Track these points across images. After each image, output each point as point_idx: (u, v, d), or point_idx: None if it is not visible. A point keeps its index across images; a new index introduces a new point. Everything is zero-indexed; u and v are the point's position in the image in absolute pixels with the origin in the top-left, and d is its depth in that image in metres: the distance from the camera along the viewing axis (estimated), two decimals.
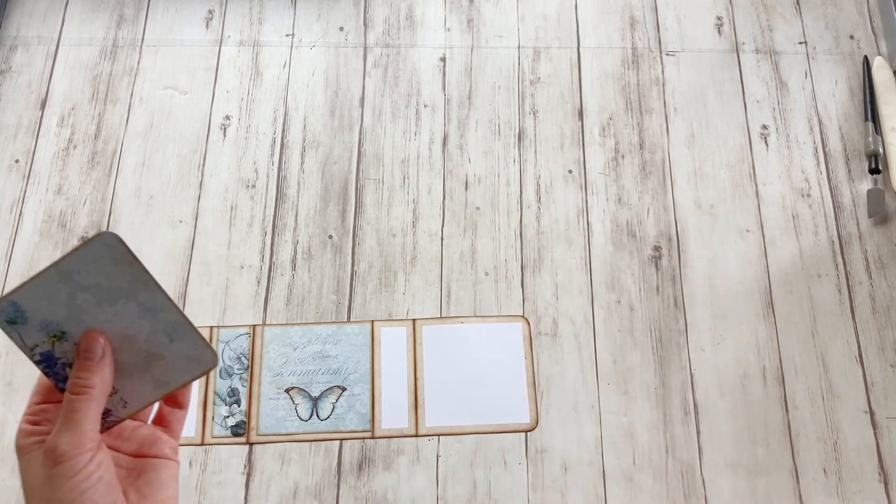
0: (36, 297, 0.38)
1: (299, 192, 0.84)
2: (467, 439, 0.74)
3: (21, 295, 0.38)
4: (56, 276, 0.38)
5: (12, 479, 0.72)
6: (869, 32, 0.94)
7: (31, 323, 0.38)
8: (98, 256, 0.38)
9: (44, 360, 0.38)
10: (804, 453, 0.74)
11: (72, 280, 0.38)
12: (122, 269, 0.38)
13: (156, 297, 0.39)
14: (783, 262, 0.82)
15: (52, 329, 0.39)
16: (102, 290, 0.39)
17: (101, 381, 0.37)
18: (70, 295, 0.38)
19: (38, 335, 0.39)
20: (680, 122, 0.89)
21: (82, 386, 0.36)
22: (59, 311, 0.39)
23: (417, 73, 0.91)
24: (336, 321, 0.78)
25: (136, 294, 0.39)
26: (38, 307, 0.38)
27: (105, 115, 0.87)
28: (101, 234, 0.38)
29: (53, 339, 0.39)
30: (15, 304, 0.38)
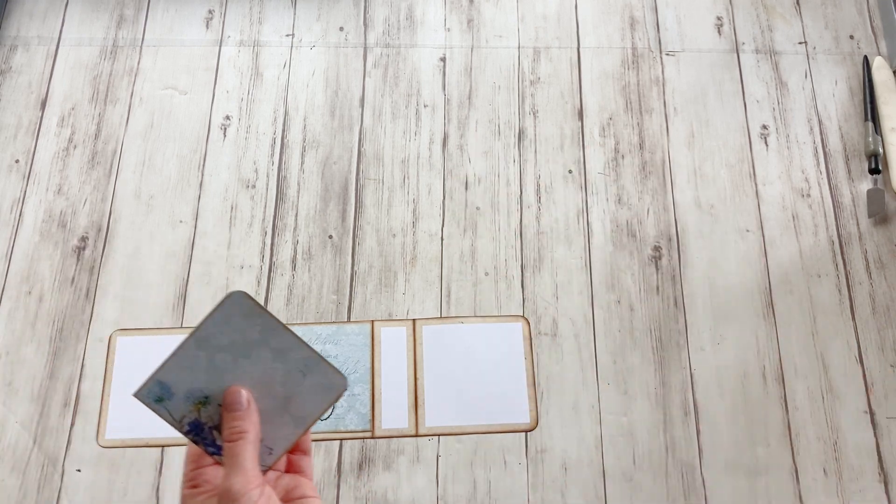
0: (178, 371, 0.41)
1: (299, 192, 0.84)
2: (467, 439, 0.74)
3: (165, 372, 0.41)
4: (194, 345, 0.41)
5: (12, 478, 0.72)
6: (869, 32, 0.94)
7: (177, 396, 0.41)
8: (229, 315, 0.41)
9: (192, 429, 0.41)
10: (804, 453, 0.74)
11: (209, 345, 0.41)
12: (252, 321, 0.41)
13: (285, 339, 0.41)
14: (783, 262, 0.82)
15: (196, 397, 0.41)
16: (237, 346, 0.41)
17: (253, 426, 0.40)
18: (209, 359, 0.41)
19: (185, 405, 0.41)
20: (680, 122, 0.89)
21: (237, 432, 0.39)
22: (200, 377, 0.41)
23: (417, 73, 0.91)
24: (336, 321, 0.78)
25: (268, 341, 0.41)
26: (182, 379, 0.41)
27: (105, 115, 0.87)
28: (229, 295, 0.41)
29: (199, 406, 0.41)
30: (161, 383, 0.41)
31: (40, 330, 0.77)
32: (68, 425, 0.74)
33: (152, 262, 0.80)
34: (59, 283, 0.79)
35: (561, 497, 0.72)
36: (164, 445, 0.73)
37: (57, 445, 0.73)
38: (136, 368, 0.76)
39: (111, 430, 0.73)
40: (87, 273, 0.80)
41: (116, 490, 0.71)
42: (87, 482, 0.72)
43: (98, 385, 0.75)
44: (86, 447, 0.73)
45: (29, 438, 0.73)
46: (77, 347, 0.77)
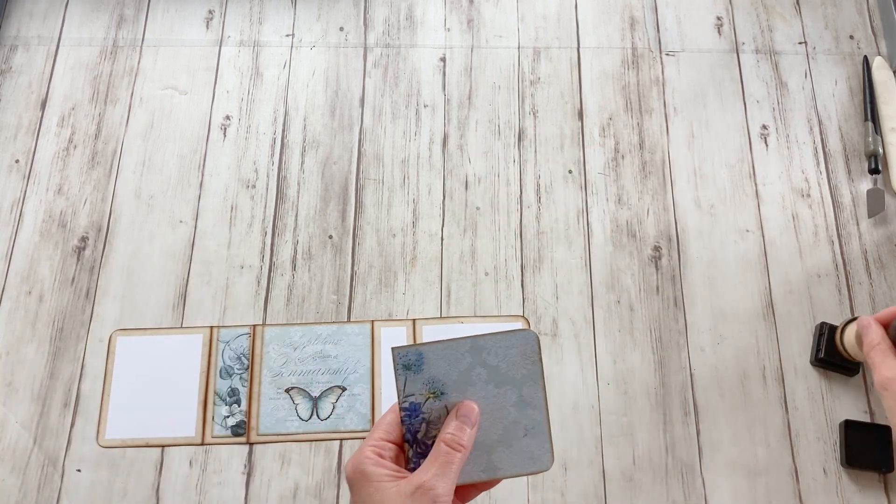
0: (441, 356, 0.43)
1: (299, 192, 0.84)
2: None
3: (431, 349, 0.43)
4: (469, 346, 0.43)
5: (12, 478, 0.72)
6: (869, 32, 0.94)
7: (422, 374, 0.43)
8: (513, 345, 0.43)
9: (410, 409, 0.43)
10: (804, 453, 0.74)
11: (479, 355, 0.43)
12: (525, 362, 0.43)
13: (536, 395, 0.43)
14: (783, 262, 0.82)
15: (435, 386, 0.43)
16: (498, 373, 0.43)
17: (469, 445, 0.41)
18: (470, 365, 0.43)
19: (420, 387, 0.43)
20: (680, 122, 0.89)
21: (459, 443, 0.40)
22: (453, 374, 0.43)
23: (417, 73, 0.91)
24: (336, 321, 0.78)
25: (523, 387, 0.43)
26: (437, 364, 0.43)
27: (105, 115, 0.88)
28: (525, 330, 0.43)
29: (431, 395, 0.43)
30: (421, 355, 0.43)
31: (40, 330, 0.77)
32: (68, 425, 0.74)
33: (152, 262, 0.80)
34: (59, 283, 0.79)
35: (561, 497, 0.72)
36: (164, 445, 0.73)
37: (57, 445, 0.73)
38: (136, 368, 0.76)
39: (111, 430, 0.73)
40: (87, 273, 0.80)
41: (116, 490, 0.71)
42: (87, 482, 0.72)
43: (98, 385, 0.75)
44: (86, 447, 0.73)
45: (29, 438, 0.73)
46: (77, 347, 0.77)
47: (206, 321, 0.78)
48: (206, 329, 0.78)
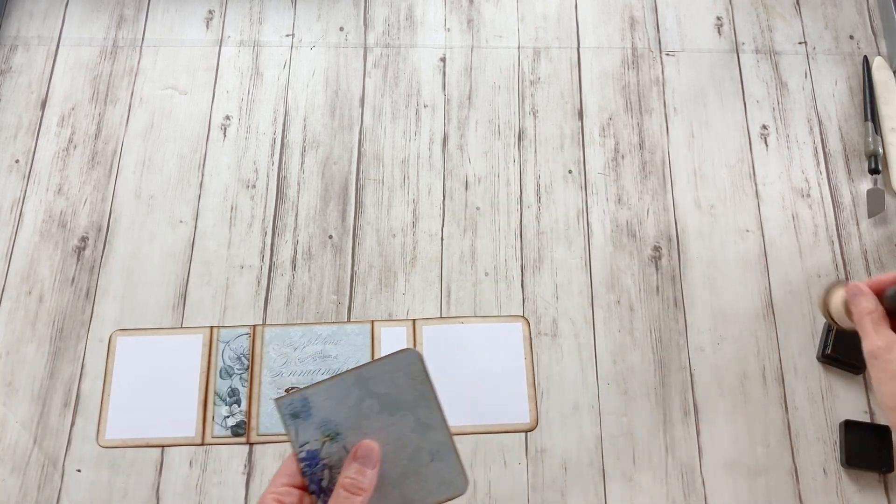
0: (328, 396, 0.40)
1: (299, 192, 0.84)
2: (467, 439, 0.74)
3: (315, 392, 0.40)
4: (353, 379, 0.41)
5: (12, 478, 0.72)
6: (869, 32, 0.94)
7: (313, 419, 0.40)
8: (397, 368, 0.41)
9: (308, 458, 0.40)
10: (804, 453, 0.74)
11: (366, 386, 0.41)
12: (413, 383, 0.41)
13: (433, 416, 0.41)
14: (783, 262, 0.82)
15: (328, 429, 0.40)
16: (389, 400, 0.41)
17: (370, 488, 0.39)
18: (359, 399, 0.41)
19: (314, 432, 0.40)
20: (680, 122, 0.89)
21: (357, 487, 0.39)
22: (343, 412, 0.40)
23: (417, 73, 0.91)
24: (336, 321, 0.78)
25: (417, 409, 0.41)
26: (326, 406, 0.40)
27: (105, 115, 0.88)
28: (406, 350, 0.41)
29: (326, 439, 0.40)
30: (306, 400, 0.40)
31: (40, 330, 0.77)
32: (68, 425, 0.74)
33: (152, 262, 0.80)
34: (59, 283, 0.79)
35: (561, 497, 0.72)
36: (164, 445, 0.73)
37: (57, 445, 0.73)
38: (136, 368, 0.76)
39: (111, 430, 0.73)
40: (87, 273, 0.80)
41: (116, 490, 0.71)
42: (87, 482, 0.72)
43: (98, 385, 0.75)
44: (86, 447, 0.73)
45: (29, 438, 0.73)
46: (77, 347, 0.77)
47: (206, 321, 0.78)
48: (206, 329, 0.78)
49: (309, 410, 0.40)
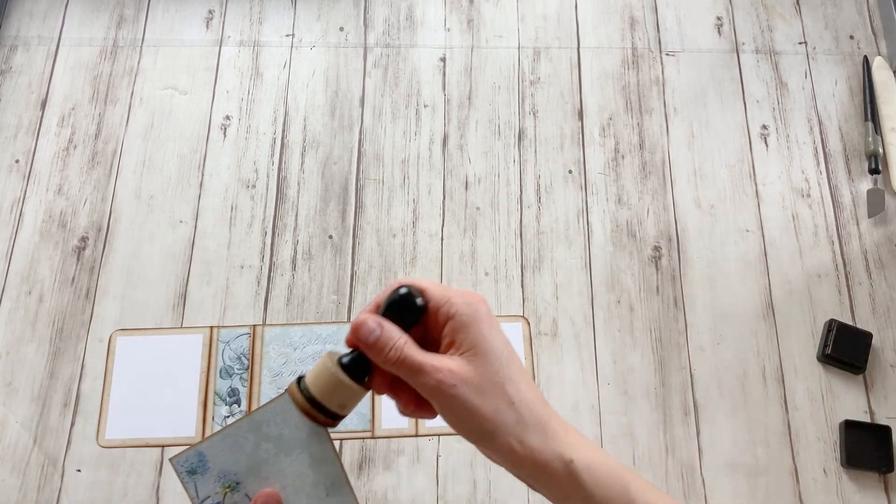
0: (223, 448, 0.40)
1: (299, 192, 0.84)
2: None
3: (208, 446, 0.40)
4: (247, 426, 0.40)
5: (12, 478, 0.72)
6: (869, 32, 0.94)
7: (210, 473, 0.40)
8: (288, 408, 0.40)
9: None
10: (804, 453, 0.74)
11: (259, 430, 0.40)
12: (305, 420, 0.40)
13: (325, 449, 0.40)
14: (783, 262, 0.82)
15: (228, 479, 0.40)
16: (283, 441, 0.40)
17: None
18: (255, 444, 0.40)
19: (213, 486, 0.40)
20: (680, 122, 0.89)
21: None
22: (241, 460, 0.40)
23: (417, 73, 0.91)
24: (336, 321, 0.78)
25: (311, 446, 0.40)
26: (222, 457, 0.40)
27: (105, 115, 0.88)
28: None
29: (226, 490, 0.40)
30: (201, 455, 0.40)
31: (40, 330, 0.77)
32: (68, 425, 0.74)
33: (152, 262, 0.80)
34: (59, 283, 0.79)
35: None
36: (163, 445, 0.73)
37: (57, 445, 0.73)
38: (136, 368, 0.76)
39: (111, 430, 0.73)
40: (87, 273, 0.80)
41: (116, 490, 0.71)
42: (87, 482, 0.72)
43: (98, 385, 0.75)
44: (86, 447, 0.73)
45: (29, 438, 0.73)
46: (77, 347, 0.77)
47: (206, 321, 0.78)
48: (206, 329, 0.78)
49: (206, 464, 0.40)
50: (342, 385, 0.37)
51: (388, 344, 0.36)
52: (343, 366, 0.37)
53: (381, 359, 0.36)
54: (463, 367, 0.35)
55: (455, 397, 0.35)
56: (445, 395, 0.35)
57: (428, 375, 0.35)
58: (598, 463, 0.35)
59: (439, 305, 0.37)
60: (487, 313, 0.37)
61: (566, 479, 0.35)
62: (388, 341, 0.36)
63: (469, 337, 0.36)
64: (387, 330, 0.36)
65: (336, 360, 0.37)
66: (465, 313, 0.36)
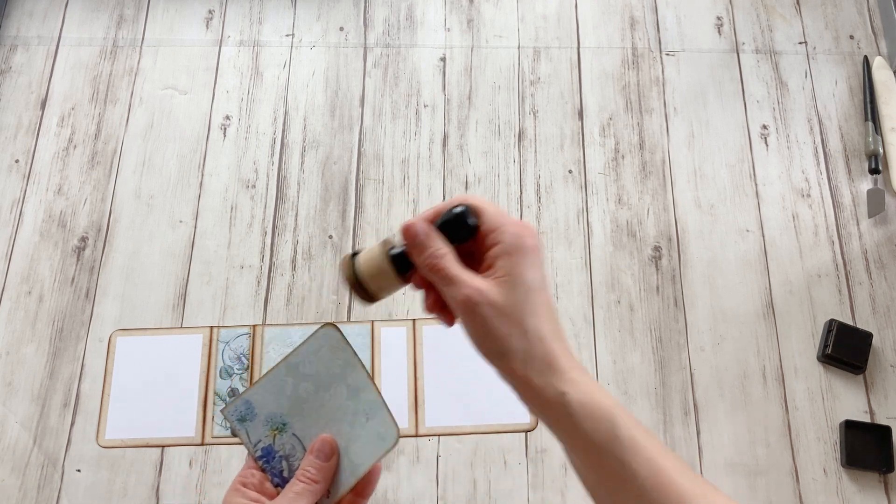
0: (266, 393, 0.43)
1: (299, 192, 0.84)
2: (467, 439, 0.74)
3: (253, 393, 0.43)
4: (285, 370, 0.43)
5: (12, 478, 0.72)
6: (869, 32, 0.94)
7: (259, 418, 0.43)
8: (320, 346, 0.43)
9: (264, 454, 0.43)
10: (804, 453, 0.74)
11: (297, 372, 0.43)
12: (337, 354, 0.43)
13: (360, 378, 0.43)
14: (783, 262, 0.82)
15: (275, 422, 0.43)
16: (320, 377, 0.43)
17: (324, 480, 0.41)
18: (294, 385, 0.43)
19: (263, 429, 0.43)
20: (680, 122, 0.89)
21: (309, 478, 0.41)
22: (284, 402, 0.43)
23: (417, 73, 0.91)
24: (336, 321, 0.78)
25: (346, 377, 0.43)
26: (267, 402, 0.43)
27: (105, 115, 0.87)
28: (323, 326, 0.43)
29: (275, 432, 0.43)
30: (248, 402, 0.43)
31: (40, 330, 0.77)
32: (68, 425, 0.74)
33: (152, 262, 0.80)
34: (59, 283, 0.79)
35: (561, 497, 0.72)
36: (164, 445, 0.73)
37: (57, 445, 0.73)
38: (135, 368, 0.76)
39: (111, 430, 0.73)
40: (87, 273, 0.80)
41: (116, 490, 0.71)
42: (87, 482, 0.72)
43: (98, 385, 0.75)
44: (86, 447, 0.73)
45: (29, 438, 0.73)
46: (77, 347, 0.77)
47: (206, 321, 0.78)
48: (206, 329, 0.78)
49: (253, 411, 0.43)
50: (385, 272, 0.40)
51: (428, 251, 0.39)
52: (391, 256, 0.40)
53: (420, 262, 0.39)
54: (492, 290, 0.38)
55: (476, 314, 0.38)
56: (468, 310, 0.39)
57: (457, 289, 0.38)
58: (592, 399, 0.37)
59: (491, 230, 0.39)
60: (533, 248, 0.39)
61: (558, 409, 0.38)
62: (429, 248, 0.39)
63: (507, 265, 0.38)
64: (431, 238, 0.39)
65: (386, 250, 0.40)
66: (510, 243, 0.38)
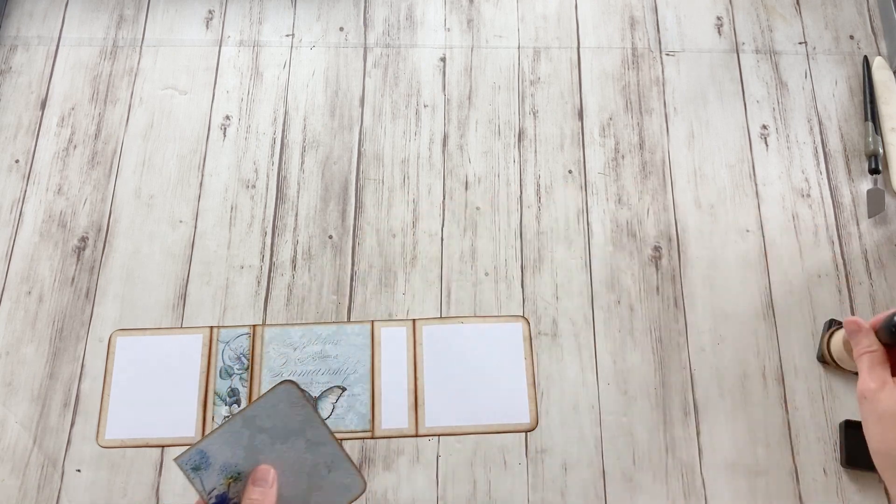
0: (222, 443, 0.44)
1: (299, 192, 0.84)
2: (467, 439, 0.74)
3: (208, 443, 0.44)
4: (241, 422, 0.45)
5: (12, 478, 0.72)
6: (869, 32, 0.94)
7: (213, 467, 0.44)
8: (278, 401, 0.45)
9: (218, 502, 0.44)
10: (804, 453, 0.74)
11: (253, 424, 0.45)
12: (296, 410, 0.45)
13: (320, 433, 0.45)
14: (783, 262, 0.82)
15: (230, 471, 0.44)
16: (277, 430, 0.45)
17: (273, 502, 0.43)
18: (250, 437, 0.44)
19: (217, 478, 0.44)
20: (680, 122, 0.89)
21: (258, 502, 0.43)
22: (239, 452, 0.44)
23: (417, 73, 0.91)
24: (336, 321, 0.78)
25: (305, 431, 0.45)
26: (222, 452, 0.44)
27: (105, 115, 0.88)
28: (282, 383, 0.45)
29: (230, 481, 0.44)
30: (202, 452, 0.44)
31: (40, 330, 0.77)
32: (68, 425, 0.74)
33: (152, 262, 0.80)
34: (59, 283, 0.79)
35: (561, 497, 0.72)
36: (163, 445, 0.73)
37: (57, 445, 0.73)
38: (135, 368, 0.76)
39: (111, 430, 0.73)
40: (87, 273, 0.80)
41: (116, 490, 0.71)
42: (87, 482, 0.72)
43: (98, 385, 0.75)
44: (86, 447, 0.73)
45: (29, 438, 0.73)
46: (77, 347, 0.77)
47: (206, 321, 0.78)
48: (206, 329, 0.78)
49: (207, 460, 0.44)
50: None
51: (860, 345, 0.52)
52: None
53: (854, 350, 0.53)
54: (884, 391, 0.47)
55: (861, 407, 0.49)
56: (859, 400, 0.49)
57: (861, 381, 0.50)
58: None
59: None
60: None
61: None
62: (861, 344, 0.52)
63: None
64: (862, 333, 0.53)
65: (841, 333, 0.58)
66: None
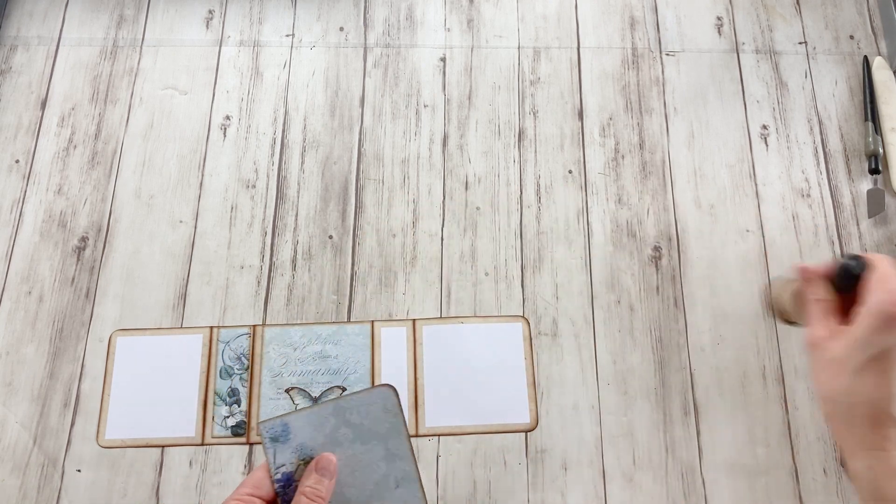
0: (306, 423, 0.44)
1: (299, 192, 0.84)
2: (467, 439, 0.74)
3: (295, 418, 0.44)
4: (332, 409, 0.44)
5: (12, 478, 0.72)
6: (869, 32, 0.94)
7: (290, 444, 0.43)
8: (373, 402, 0.44)
9: (283, 479, 0.43)
10: (804, 453, 0.74)
11: (342, 416, 0.44)
12: (387, 416, 0.44)
13: (402, 447, 0.44)
14: (783, 263, 0.82)
15: (304, 453, 0.44)
16: (363, 430, 0.44)
17: (328, 496, 0.42)
18: (335, 427, 0.44)
19: (290, 456, 0.43)
20: (680, 122, 0.89)
21: (316, 495, 0.42)
22: (319, 438, 0.44)
23: (417, 73, 0.91)
24: (336, 321, 0.78)
25: (388, 440, 0.44)
26: (304, 431, 0.44)
27: (105, 115, 0.88)
28: (384, 385, 0.45)
29: (301, 463, 0.43)
30: (286, 425, 0.44)
31: (40, 330, 0.77)
32: (68, 425, 0.74)
33: (152, 262, 0.80)
34: (59, 283, 0.79)
35: (561, 497, 0.72)
36: (164, 445, 0.73)
37: (57, 445, 0.73)
38: (136, 368, 0.76)
39: (111, 430, 0.73)
40: (87, 273, 0.80)
41: (116, 490, 0.72)
42: (87, 482, 0.72)
43: (98, 385, 0.75)
44: (86, 447, 0.73)
45: (29, 438, 0.73)
46: (77, 347, 0.77)
47: (206, 321, 0.78)
48: (206, 329, 0.78)
49: (288, 435, 0.43)
50: None
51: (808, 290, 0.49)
52: None
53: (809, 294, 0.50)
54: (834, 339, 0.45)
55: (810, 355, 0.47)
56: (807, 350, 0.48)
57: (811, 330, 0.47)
58: None
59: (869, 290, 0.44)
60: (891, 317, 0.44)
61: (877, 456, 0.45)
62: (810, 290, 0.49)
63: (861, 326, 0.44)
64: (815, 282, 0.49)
65: None
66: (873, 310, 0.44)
